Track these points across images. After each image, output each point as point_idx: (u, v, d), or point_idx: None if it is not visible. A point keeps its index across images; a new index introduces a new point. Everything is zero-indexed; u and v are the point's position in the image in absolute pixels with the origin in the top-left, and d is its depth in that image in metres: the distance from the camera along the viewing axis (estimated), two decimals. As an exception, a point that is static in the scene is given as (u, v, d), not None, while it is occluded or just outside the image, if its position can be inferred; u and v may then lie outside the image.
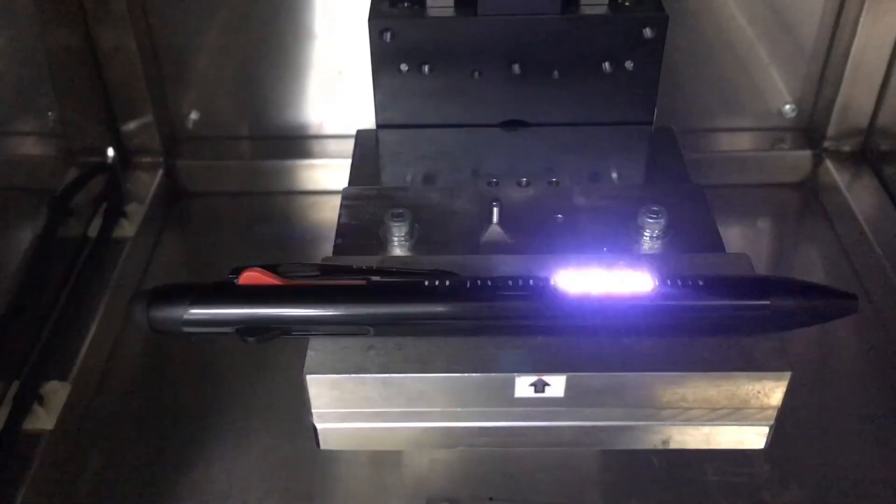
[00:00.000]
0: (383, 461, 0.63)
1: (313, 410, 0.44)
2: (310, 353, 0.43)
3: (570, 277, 0.43)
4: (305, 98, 0.86)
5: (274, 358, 0.68)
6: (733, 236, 0.81)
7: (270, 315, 0.42)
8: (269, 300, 0.43)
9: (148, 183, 0.85)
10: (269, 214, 0.86)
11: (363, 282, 0.44)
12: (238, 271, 0.44)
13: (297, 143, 0.88)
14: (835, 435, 0.64)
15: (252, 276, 0.43)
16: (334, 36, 0.82)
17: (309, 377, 0.43)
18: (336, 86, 0.85)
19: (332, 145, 0.87)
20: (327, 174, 0.86)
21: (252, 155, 0.88)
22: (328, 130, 0.87)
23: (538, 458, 0.62)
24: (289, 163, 0.87)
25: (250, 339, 0.42)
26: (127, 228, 0.79)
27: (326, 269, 0.45)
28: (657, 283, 0.43)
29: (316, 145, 0.88)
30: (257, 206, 0.87)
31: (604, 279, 0.43)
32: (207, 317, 0.43)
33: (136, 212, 0.80)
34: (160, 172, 0.86)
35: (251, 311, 0.43)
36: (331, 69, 0.84)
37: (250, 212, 0.87)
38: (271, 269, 0.44)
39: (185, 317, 0.42)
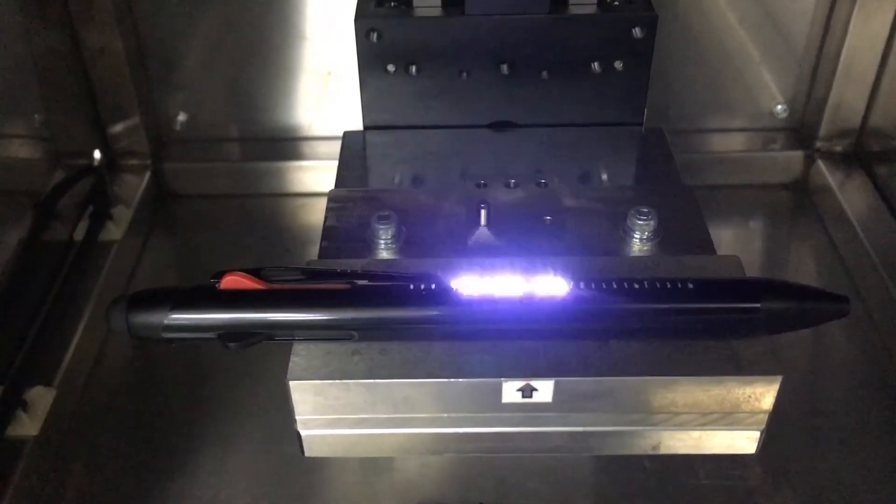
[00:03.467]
0: (373, 466, 0.63)
1: (297, 417, 0.43)
2: (293, 358, 0.43)
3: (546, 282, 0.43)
4: (293, 99, 0.85)
5: (261, 363, 0.67)
6: (724, 237, 0.81)
7: (252, 320, 0.42)
8: (251, 305, 0.42)
9: (135, 185, 0.84)
10: (258, 217, 0.86)
11: (347, 286, 0.43)
12: (220, 275, 0.43)
13: (286, 144, 0.87)
14: (827, 438, 0.64)
15: (234, 281, 0.43)
16: (322, 37, 0.81)
17: (292, 383, 0.42)
18: (324, 87, 0.84)
19: (321, 147, 0.86)
20: (316, 176, 0.85)
21: (240, 157, 0.88)
22: (316, 132, 0.87)
23: (529, 462, 0.62)
24: (277, 165, 0.87)
25: (232, 344, 0.42)
26: (113, 232, 0.78)
27: (310, 273, 0.44)
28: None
29: (304, 147, 0.87)
30: (246, 209, 0.86)
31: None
32: (188, 322, 0.42)
33: (122, 215, 0.80)
34: (147, 175, 0.85)
35: (233, 316, 0.42)
36: (319, 70, 0.83)
37: (238, 214, 0.86)
38: (254, 272, 0.43)
39: (166, 322, 0.42)
